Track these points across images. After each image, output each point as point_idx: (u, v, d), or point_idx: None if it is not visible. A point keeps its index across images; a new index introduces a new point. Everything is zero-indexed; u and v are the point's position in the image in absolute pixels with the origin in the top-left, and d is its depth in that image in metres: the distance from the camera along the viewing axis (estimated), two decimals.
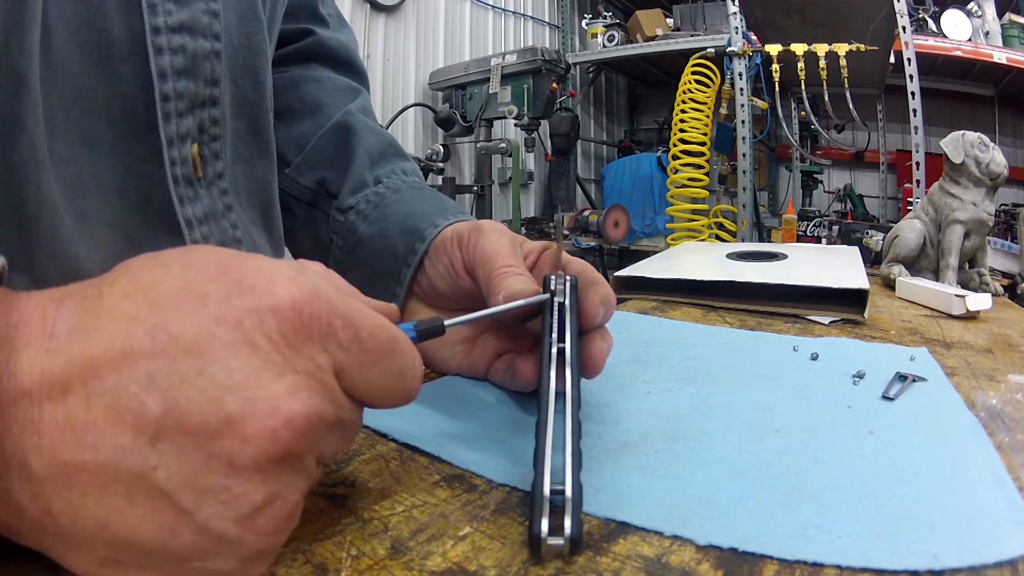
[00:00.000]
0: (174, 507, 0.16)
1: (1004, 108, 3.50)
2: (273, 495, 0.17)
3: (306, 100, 0.47)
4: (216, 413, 0.16)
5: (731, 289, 0.65)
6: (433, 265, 0.38)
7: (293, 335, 0.18)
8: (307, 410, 0.18)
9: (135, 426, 0.16)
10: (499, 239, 0.34)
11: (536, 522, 0.20)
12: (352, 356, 0.20)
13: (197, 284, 0.18)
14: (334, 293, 0.20)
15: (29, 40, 0.24)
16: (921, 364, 0.42)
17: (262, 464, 0.17)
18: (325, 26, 0.51)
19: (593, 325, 0.31)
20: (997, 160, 0.79)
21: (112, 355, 0.16)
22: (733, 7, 2.25)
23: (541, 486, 0.21)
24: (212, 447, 0.16)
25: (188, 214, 0.31)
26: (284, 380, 0.18)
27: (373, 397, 0.21)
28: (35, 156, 0.25)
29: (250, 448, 0.17)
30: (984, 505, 0.24)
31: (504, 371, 0.36)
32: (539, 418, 0.24)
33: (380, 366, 0.20)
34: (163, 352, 0.16)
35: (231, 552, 0.17)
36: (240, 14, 0.35)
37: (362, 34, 2.36)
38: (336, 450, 0.21)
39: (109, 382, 0.16)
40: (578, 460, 0.23)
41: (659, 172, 3.03)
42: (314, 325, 0.19)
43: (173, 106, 0.30)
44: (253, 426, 0.17)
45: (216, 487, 0.16)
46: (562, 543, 0.20)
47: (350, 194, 0.43)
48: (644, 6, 3.29)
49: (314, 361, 0.19)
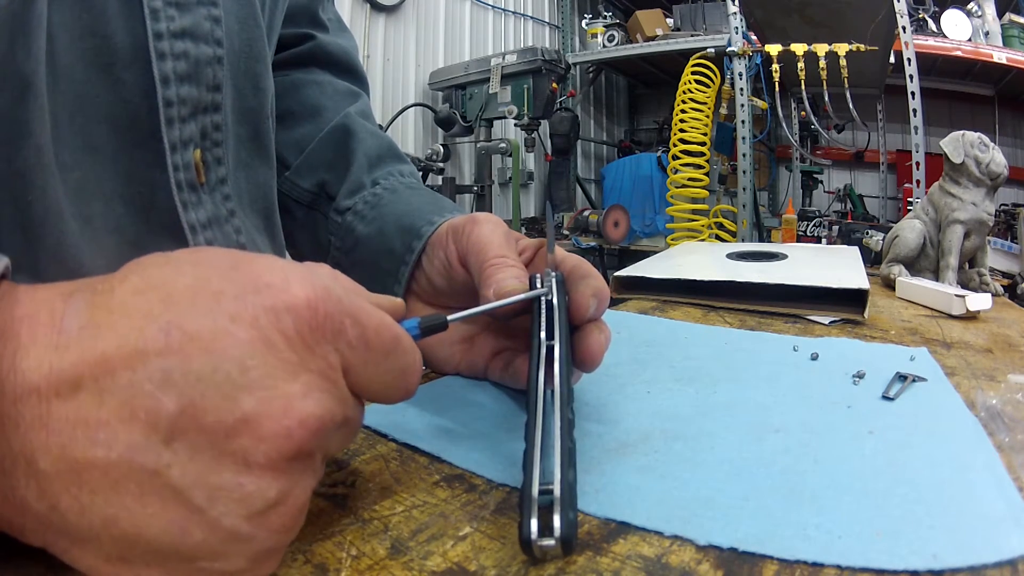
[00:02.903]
0: (186, 505, 0.16)
1: (1004, 108, 3.50)
2: (285, 492, 0.18)
3: (306, 104, 0.47)
4: (232, 411, 0.17)
5: (731, 289, 0.65)
6: (430, 261, 0.38)
7: (308, 334, 0.18)
8: (321, 410, 0.18)
9: (149, 424, 0.16)
10: (493, 230, 0.34)
11: (525, 524, 0.20)
12: (359, 355, 0.20)
13: (211, 281, 0.18)
14: (343, 292, 0.20)
15: (35, 45, 0.24)
16: (921, 364, 0.42)
17: (276, 462, 0.17)
18: (325, 31, 0.51)
19: (586, 318, 0.31)
20: (997, 160, 0.79)
21: (125, 352, 0.16)
22: (733, 7, 2.25)
23: (529, 486, 0.21)
24: (227, 445, 0.16)
25: (191, 219, 0.31)
26: (299, 380, 0.18)
27: (376, 394, 0.21)
28: (41, 161, 0.25)
29: (265, 447, 0.17)
30: (984, 505, 0.24)
31: (502, 368, 0.36)
32: (528, 418, 0.24)
33: (385, 364, 0.21)
34: (178, 350, 0.16)
35: (241, 550, 0.17)
36: (241, 20, 0.35)
37: (362, 34, 2.36)
38: (340, 447, 0.21)
39: (123, 379, 0.16)
40: (569, 458, 0.22)
41: (659, 172, 3.03)
42: (328, 324, 0.19)
43: (176, 111, 0.30)
44: (269, 425, 0.17)
45: (229, 485, 0.17)
46: (553, 543, 0.20)
47: (348, 196, 0.44)
48: (644, 6, 3.29)
49: (326, 360, 0.19)
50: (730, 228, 2.42)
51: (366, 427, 0.31)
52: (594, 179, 3.85)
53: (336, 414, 0.19)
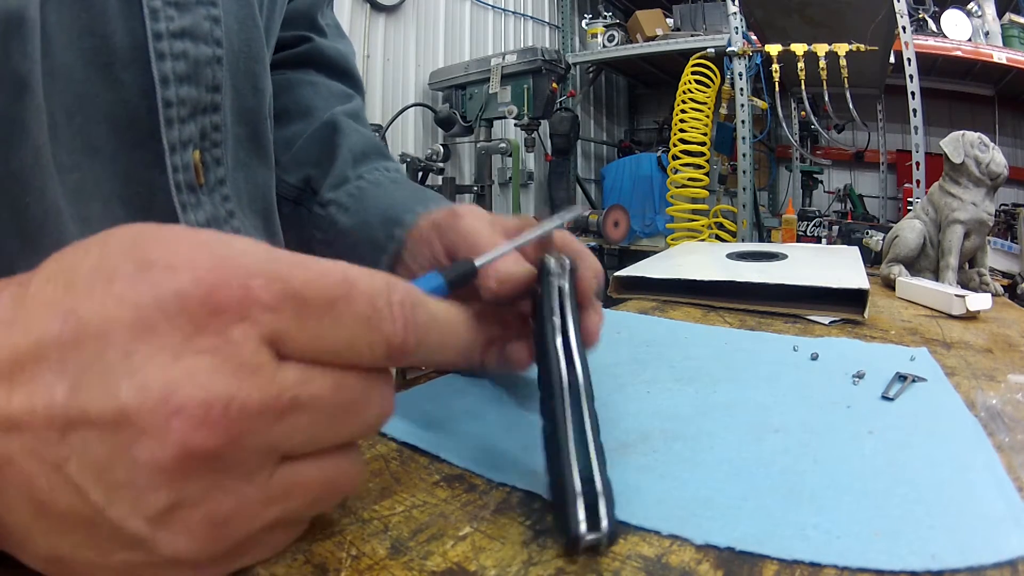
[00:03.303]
0: (88, 502, 0.16)
1: (1004, 108, 3.50)
2: (184, 495, 0.16)
3: (299, 103, 0.47)
4: (113, 403, 0.15)
5: (731, 289, 0.65)
6: (415, 259, 0.37)
7: (198, 310, 0.16)
8: (207, 396, 0.15)
9: (47, 417, 0.15)
10: (477, 220, 0.34)
11: (572, 519, 0.19)
12: (287, 315, 0.17)
13: (109, 261, 0.17)
14: (257, 255, 0.17)
15: (30, 45, 0.24)
16: (921, 364, 0.42)
17: (162, 460, 0.15)
18: (323, 36, 0.51)
19: (588, 300, 0.30)
20: (997, 160, 0.79)
21: (30, 343, 0.16)
22: (733, 7, 2.25)
23: (572, 481, 0.20)
24: (115, 439, 0.15)
25: (191, 220, 0.31)
26: (180, 364, 0.16)
27: (340, 356, 0.18)
28: (39, 162, 0.25)
29: (148, 441, 0.15)
30: (983, 505, 0.24)
31: (497, 357, 0.35)
32: (554, 411, 0.22)
33: (332, 316, 0.17)
34: (72, 338, 0.16)
35: (152, 560, 0.16)
36: (240, 20, 0.35)
37: (362, 34, 2.36)
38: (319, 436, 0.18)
39: (27, 373, 0.16)
40: (602, 451, 0.22)
41: (659, 172, 3.03)
42: (222, 294, 0.16)
43: (175, 112, 0.30)
44: (147, 418, 0.15)
45: (124, 482, 0.15)
46: (600, 536, 0.19)
47: (331, 189, 0.44)
48: (644, 6, 3.28)
49: (224, 336, 0.16)
50: (730, 228, 2.42)
51: None
52: (594, 179, 3.85)
53: (248, 398, 0.16)
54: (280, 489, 0.18)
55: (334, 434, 0.19)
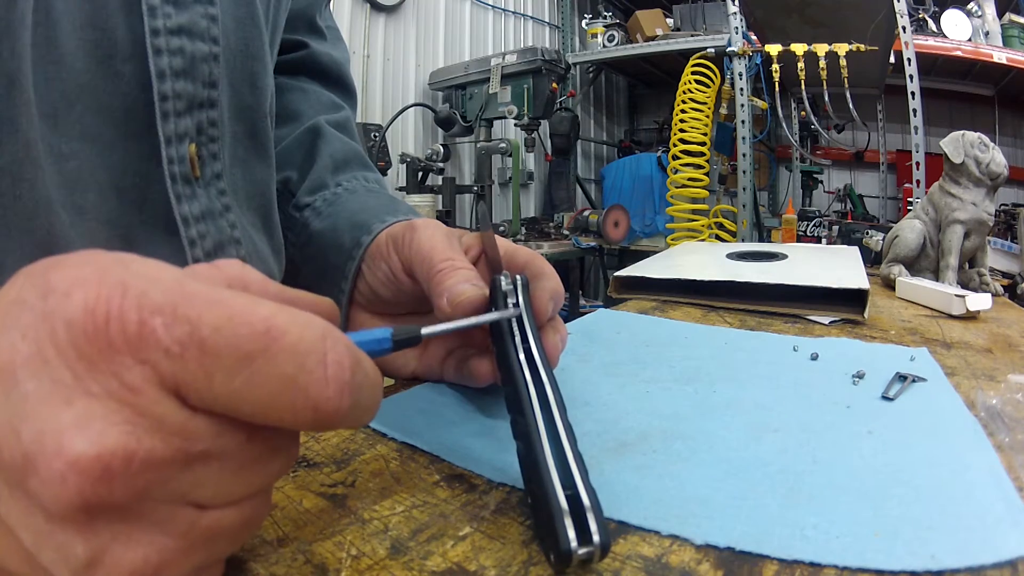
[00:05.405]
0: (20, 548, 0.15)
1: (1004, 108, 3.50)
2: (97, 549, 0.14)
3: (288, 108, 0.48)
4: (17, 447, 0.14)
5: (731, 289, 0.65)
6: (372, 272, 0.37)
7: (87, 344, 0.14)
8: (102, 451, 0.14)
9: None
10: (433, 234, 0.33)
11: (562, 535, 0.19)
12: (191, 364, 0.15)
13: (22, 290, 0.15)
14: (166, 285, 0.15)
15: (19, 43, 0.25)
16: (921, 364, 0.42)
17: (67, 512, 0.14)
18: (322, 38, 0.51)
19: (544, 321, 0.30)
20: (997, 160, 0.79)
21: None
22: (733, 7, 2.25)
23: (555, 497, 0.19)
24: (27, 485, 0.14)
25: (185, 212, 0.32)
26: (72, 408, 0.14)
27: (255, 417, 0.16)
28: (30, 155, 0.25)
29: (49, 491, 0.14)
30: (983, 506, 0.24)
31: (456, 368, 0.35)
32: (527, 428, 0.22)
33: (248, 372, 0.15)
34: None
35: None
36: (238, 19, 0.35)
37: (362, 34, 2.36)
38: (230, 487, 0.16)
39: None
40: (582, 461, 0.22)
41: (659, 172, 3.03)
42: (113, 328, 0.14)
43: (171, 106, 0.30)
44: (44, 467, 0.14)
45: (44, 531, 0.14)
46: (592, 550, 0.19)
47: (308, 193, 0.44)
48: (644, 6, 3.29)
49: (119, 379, 0.15)
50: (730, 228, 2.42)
51: (366, 426, 0.31)
52: (594, 179, 3.85)
53: (150, 452, 0.14)
54: (202, 537, 0.16)
55: (246, 484, 0.17)
